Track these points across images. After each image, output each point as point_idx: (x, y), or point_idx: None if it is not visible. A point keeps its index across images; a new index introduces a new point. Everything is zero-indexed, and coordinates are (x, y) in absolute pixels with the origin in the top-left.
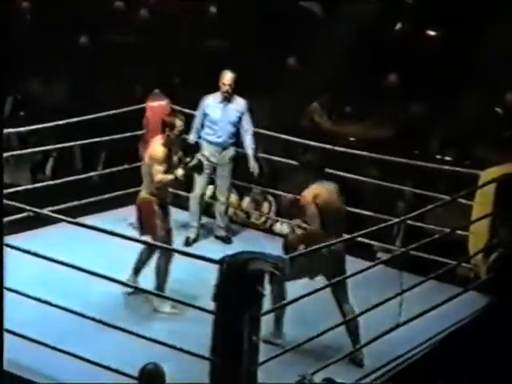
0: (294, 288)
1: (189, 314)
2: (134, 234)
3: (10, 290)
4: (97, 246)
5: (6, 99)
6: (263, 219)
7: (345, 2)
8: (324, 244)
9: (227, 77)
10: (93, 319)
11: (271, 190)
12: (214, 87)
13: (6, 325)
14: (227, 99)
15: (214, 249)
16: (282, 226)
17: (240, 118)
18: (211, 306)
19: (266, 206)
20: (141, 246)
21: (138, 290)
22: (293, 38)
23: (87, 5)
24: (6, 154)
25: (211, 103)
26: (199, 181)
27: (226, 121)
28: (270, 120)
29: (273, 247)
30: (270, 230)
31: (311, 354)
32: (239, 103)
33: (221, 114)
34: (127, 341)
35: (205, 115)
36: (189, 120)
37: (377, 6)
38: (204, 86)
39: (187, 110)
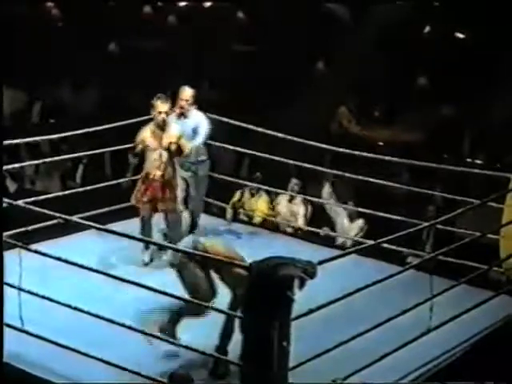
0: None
1: (219, 321)
2: (163, 239)
3: (40, 296)
4: (126, 252)
5: (33, 105)
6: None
7: (372, 6)
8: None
9: (185, 93)
10: (122, 325)
11: (309, 198)
12: (241, 92)
13: (38, 330)
14: (183, 115)
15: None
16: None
17: (195, 132)
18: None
19: (302, 207)
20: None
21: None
22: (321, 42)
23: (116, 12)
24: (37, 162)
25: (170, 121)
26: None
27: (184, 136)
28: (299, 125)
29: (302, 252)
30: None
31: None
32: (196, 117)
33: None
34: (156, 347)
35: None
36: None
37: (404, 8)
38: (232, 91)
39: (214, 116)
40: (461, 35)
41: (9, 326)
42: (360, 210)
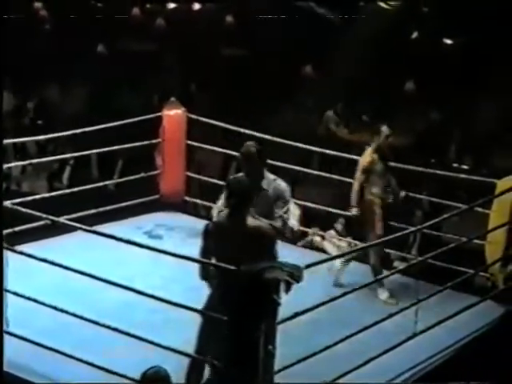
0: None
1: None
2: (150, 242)
3: (25, 297)
4: (113, 254)
5: (24, 107)
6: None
7: (361, 10)
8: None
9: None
10: (107, 327)
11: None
12: (229, 95)
13: (23, 332)
14: None
15: None
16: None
17: None
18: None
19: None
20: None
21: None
22: (309, 45)
23: (105, 14)
24: (24, 163)
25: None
26: None
27: None
28: (287, 128)
29: (289, 256)
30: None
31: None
32: None
33: None
34: (142, 349)
35: None
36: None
37: (393, 14)
38: (220, 94)
39: (203, 119)
40: (449, 41)
41: None
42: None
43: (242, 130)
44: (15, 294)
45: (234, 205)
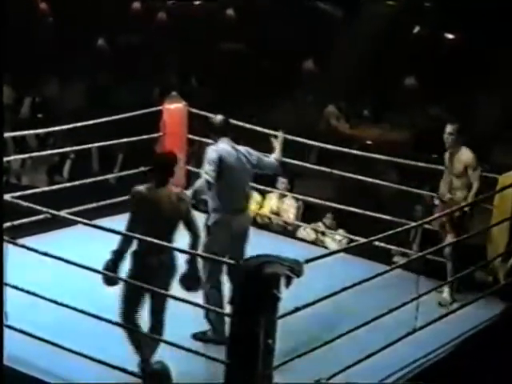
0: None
1: (201, 316)
2: None
3: (25, 291)
4: (113, 248)
5: (23, 101)
6: (291, 215)
7: (363, 5)
8: None
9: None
10: (106, 320)
11: (300, 197)
12: (230, 90)
13: (20, 325)
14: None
15: None
16: (305, 232)
17: None
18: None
19: (293, 204)
20: None
21: None
22: (310, 40)
23: (105, 7)
24: (23, 156)
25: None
26: None
27: None
28: (286, 122)
29: (290, 251)
30: (292, 235)
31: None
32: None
33: None
34: None
35: None
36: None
37: (395, 9)
38: (221, 88)
39: (203, 113)
40: (450, 35)
41: None
42: (349, 209)
43: (241, 124)
44: (14, 287)
45: (157, 176)
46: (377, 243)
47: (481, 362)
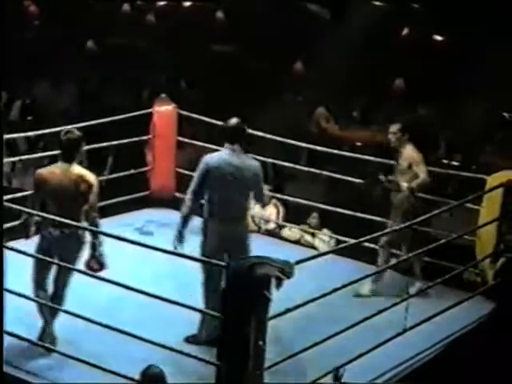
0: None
1: (194, 318)
2: (140, 238)
3: (15, 293)
4: (103, 250)
5: (13, 103)
6: (272, 225)
7: (352, 7)
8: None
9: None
10: (98, 324)
11: (278, 196)
12: (219, 91)
13: (11, 328)
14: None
15: None
16: (289, 232)
17: None
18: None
19: (273, 211)
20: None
21: None
22: (299, 42)
23: (95, 10)
24: (14, 159)
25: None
26: None
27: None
28: (276, 124)
29: (280, 252)
30: (277, 236)
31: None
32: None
33: None
34: (132, 346)
35: None
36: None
37: (384, 10)
38: (210, 91)
39: (194, 115)
40: (439, 37)
41: None
42: (338, 210)
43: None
44: (6, 290)
45: (62, 155)
46: (366, 244)
47: (470, 361)
